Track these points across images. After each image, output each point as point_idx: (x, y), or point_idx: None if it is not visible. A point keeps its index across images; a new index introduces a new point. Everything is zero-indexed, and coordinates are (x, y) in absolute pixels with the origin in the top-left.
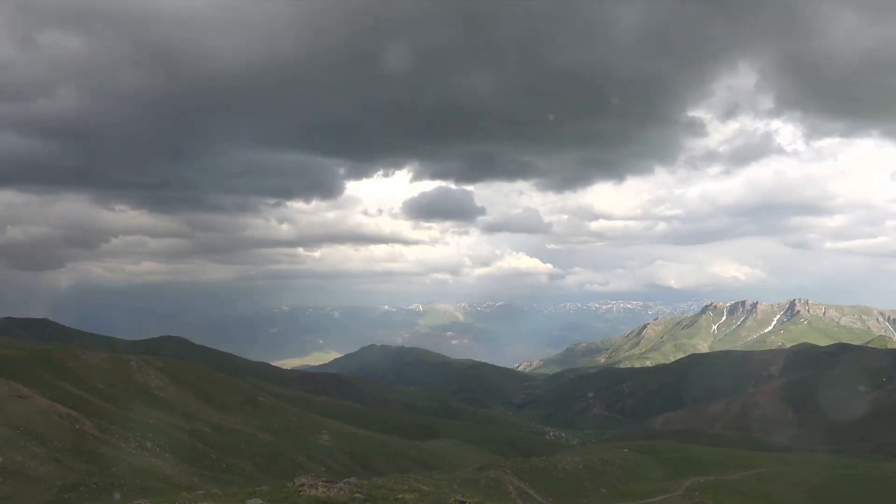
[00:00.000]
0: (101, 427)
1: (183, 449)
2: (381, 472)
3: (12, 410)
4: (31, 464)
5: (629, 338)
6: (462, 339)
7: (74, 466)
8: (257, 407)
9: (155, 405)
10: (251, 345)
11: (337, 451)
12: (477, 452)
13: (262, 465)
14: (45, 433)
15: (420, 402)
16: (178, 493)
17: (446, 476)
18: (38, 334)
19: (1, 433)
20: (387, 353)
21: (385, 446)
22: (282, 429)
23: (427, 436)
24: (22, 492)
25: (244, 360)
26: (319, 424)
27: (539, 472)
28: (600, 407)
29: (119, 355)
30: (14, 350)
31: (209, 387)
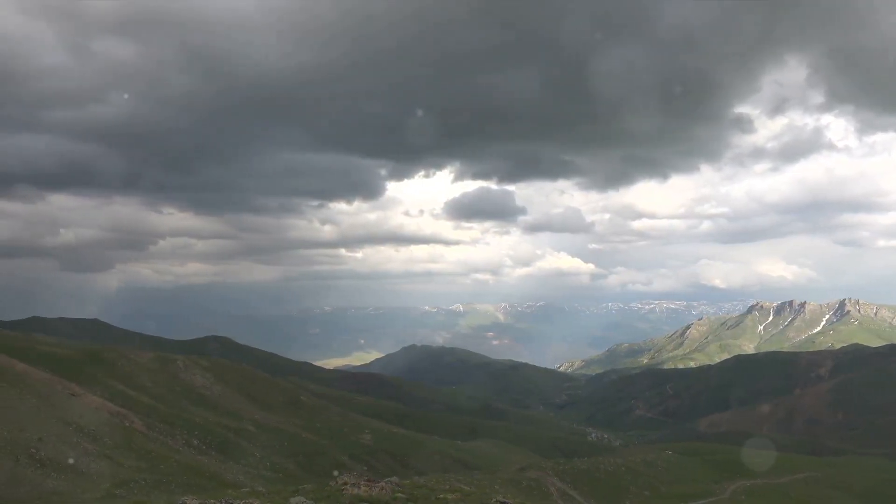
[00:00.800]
0: (150, 425)
1: (228, 447)
2: (423, 472)
3: (66, 408)
4: (83, 460)
5: (672, 338)
6: (503, 339)
7: (124, 463)
8: (300, 406)
9: (201, 404)
10: (294, 345)
11: (378, 450)
12: (518, 453)
13: (305, 464)
14: (97, 430)
15: (461, 402)
16: (224, 491)
17: (487, 476)
18: (89, 334)
19: (55, 430)
20: (427, 354)
21: (426, 446)
22: (324, 428)
23: (468, 436)
24: (75, 487)
25: (287, 360)
26: (361, 424)
27: (581, 473)
28: (643, 408)
29: (166, 355)
30: (67, 349)
31: (253, 386)
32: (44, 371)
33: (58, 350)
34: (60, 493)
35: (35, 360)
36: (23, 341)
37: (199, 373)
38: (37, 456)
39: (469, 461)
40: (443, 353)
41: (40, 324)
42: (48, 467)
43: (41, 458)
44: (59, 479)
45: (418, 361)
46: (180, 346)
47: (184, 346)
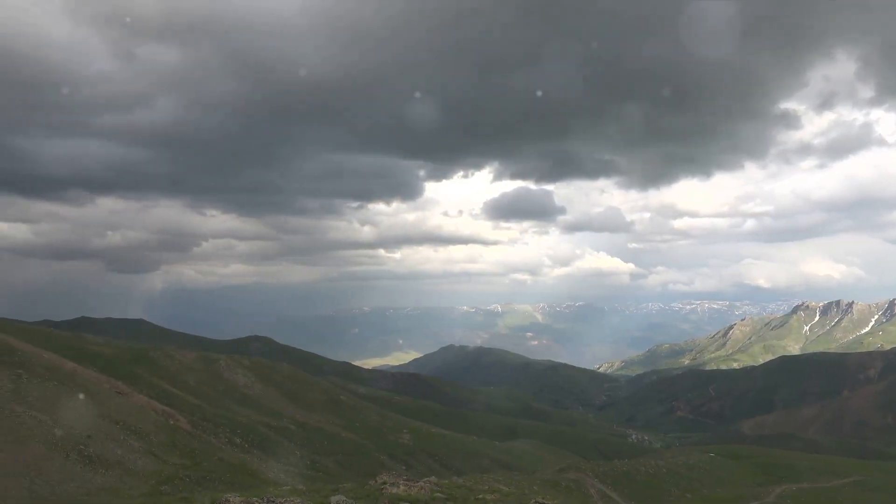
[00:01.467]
0: (194, 423)
1: (269, 445)
2: (461, 472)
3: (113, 406)
4: (130, 457)
5: (715, 339)
6: (541, 339)
7: (169, 460)
8: (340, 406)
9: (243, 403)
10: (333, 345)
11: (417, 450)
12: (557, 454)
13: (345, 463)
14: (143, 428)
15: (499, 402)
16: (265, 489)
17: (526, 477)
18: (135, 334)
19: (103, 427)
20: (466, 354)
21: (465, 446)
22: (363, 427)
23: (507, 436)
24: (122, 483)
25: (327, 360)
26: (400, 424)
27: (621, 475)
28: (685, 409)
29: (209, 355)
30: (114, 349)
31: (294, 385)
32: (92, 370)
33: (105, 349)
34: (109, 490)
35: (84, 359)
36: (72, 341)
37: (241, 372)
38: (86, 453)
39: (508, 462)
40: (481, 353)
41: (88, 324)
42: (97, 464)
43: (90, 455)
44: (107, 475)
45: (456, 362)
46: (223, 346)
47: (226, 346)
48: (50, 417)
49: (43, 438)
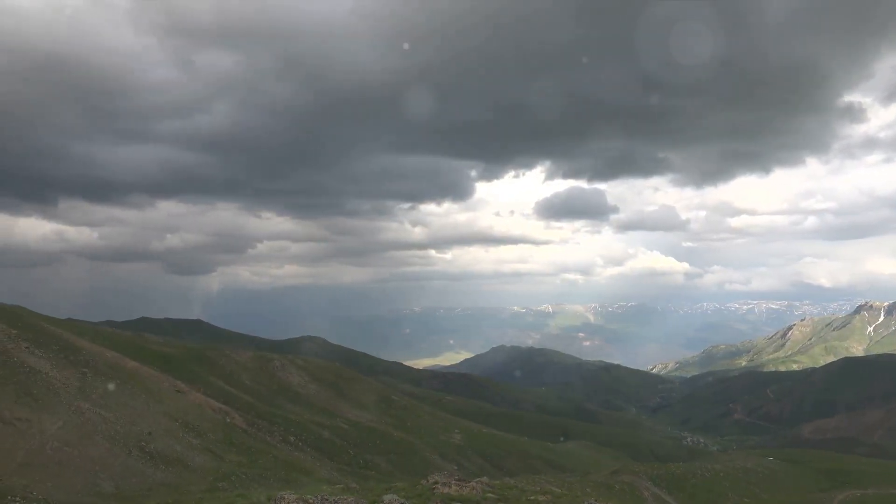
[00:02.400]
0: (249, 421)
1: (323, 444)
2: (513, 473)
3: (172, 404)
4: (188, 454)
5: (773, 339)
6: (593, 339)
7: (226, 457)
8: (391, 405)
9: (296, 401)
10: (385, 345)
11: (469, 450)
12: (610, 456)
13: (397, 462)
14: (200, 426)
15: (551, 403)
16: (319, 487)
17: (579, 479)
18: (193, 334)
19: (163, 424)
20: (517, 354)
21: (516, 447)
22: (415, 427)
23: (558, 437)
24: (181, 479)
25: (378, 360)
26: (451, 423)
27: (676, 478)
28: (742, 412)
29: (264, 354)
30: (172, 348)
31: (346, 385)
32: (152, 368)
33: (164, 349)
34: (169, 485)
35: (144, 358)
36: (133, 340)
37: (294, 371)
38: (147, 449)
39: (560, 463)
40: (532, 353)
41: (148, 324)
42: (157, 460)
43: (151, 451)
44: (167, 471)
45: (507, 362)
46: (277, 346)
47: (280, 346)
48: (113, 414)
49: (107, 435)
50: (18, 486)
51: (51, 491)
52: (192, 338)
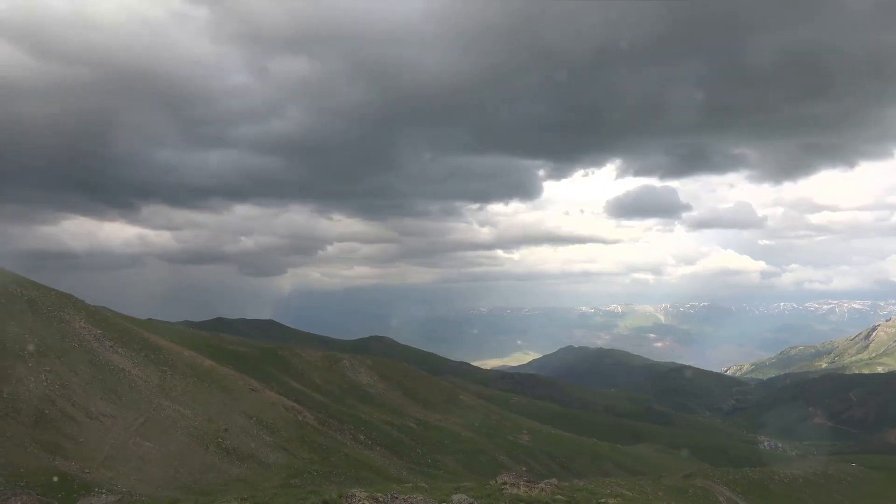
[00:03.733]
0: (320, 419)
1: (392, 442)
2: (582, 475)
3: (247, 402)
4: (262, 450)
5: (855, 341)
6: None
7: (298, 454)
8: (459, 405)
9: (365, 400)
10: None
11: (537, 450)
12: (682, 459)
13: (465, 462)
14: (274, 423)
15: (620, 404)
16: (389, 485)
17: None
18: (266, 334)
19: (238, 422)
20: (585, 355)
21: (585, 448)
22: (483, 427)
23: (628, 439)
24: (256, 475)
25: (445, 360)
26: (519, 424)
27: (753, 483)
28: (822, 416)
29: (334, 354)
30: (247, 348)
31: (414, 384)
32: (228, 367)
33: (239, 348)
34: (244, 481)
35: (220, 357)
36: (210, 340)
37: (364, 371)
38: (223, 445)
39: (630, 466)
40: (601, 354)
41: (224, 324)
42: (233, 456)
43: (227, 447)
44: (242, 467)
45: (576, 363)
46: (346, 346)
47: (349, 346)
48: (191, 411)
49: (186, 431)
50: (104, 479)
51: (134, 484)
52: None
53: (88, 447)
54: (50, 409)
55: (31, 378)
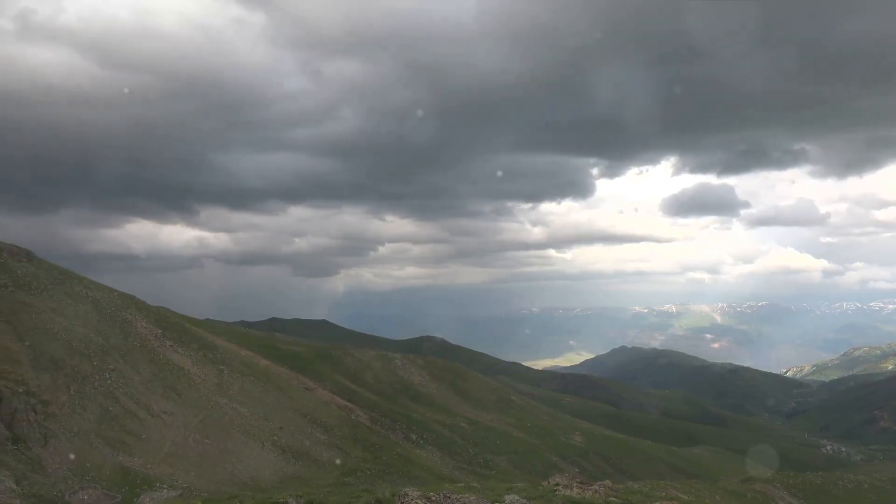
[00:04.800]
0: (373, 418)
1: (444, 442)
2: (636, 477)
3: (301, 400)
4: (317, 448)
5: None
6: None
7: (352, 453)
8: (511, 405)
9: (417, 400)
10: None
11: (590, 452)
12: (740, 463)
13: (517, 462)
14: (327, 422)
15: (676, 406)
16: (441, 484)
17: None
18: (319, 334)
19: (294, 420)
20: (639, 355)
21: (639, 450)
22: (535, 427)
23: (684, 442)
24: (310, 473)
25: (497, 360)
26: (572, 425)
27: (815, 488)
28: (889, 420)
29: (386, 353)
30: (301, 348)
31: (466, 384)
32: (282, 366)
33: (293, 348)
34: (299, 478)
35: (275, 356)
36: (265, 340)
37: (415, 371)
38: (279, 443)
39: (686, 468)
40: (656, 355)
41: (278, 324)
42: (288, 454)
43: (282, 445)
44: (297, 464)
45: (629, 363)
46: (398, 346)
47: (401, 346)
48: (248, 410)
49: (242, 428)
50: (165, 475)
51: (193, 480)
52: (319, 338)
53: (150, 443)
54: (114, 407)
55: (96, 376)
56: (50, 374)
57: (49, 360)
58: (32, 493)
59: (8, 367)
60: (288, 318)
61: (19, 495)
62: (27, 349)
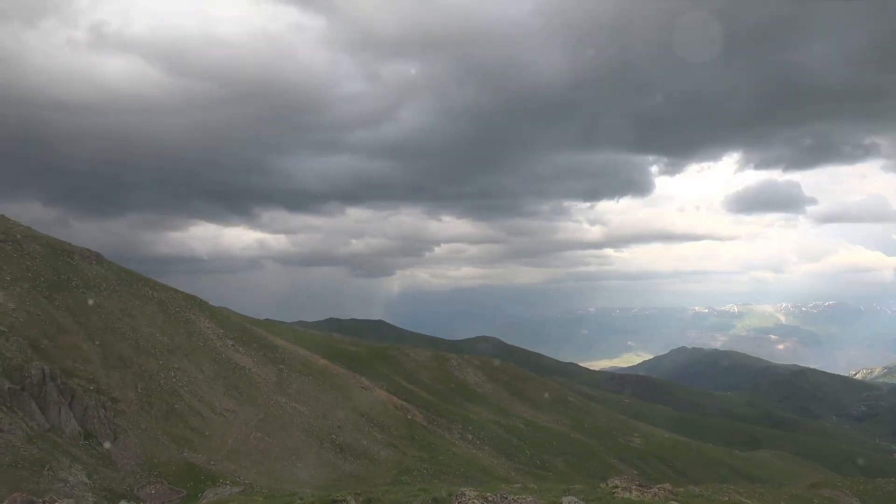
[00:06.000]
0: (429, 418)
1: (500, 443)
2: (697, 480)
3: (358, 399)
4: (374, 447)
5: None
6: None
7: (408, 452)
8: (567, 406)
9: (473, 400)
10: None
11: (649, 454)
12: (807, 467)
13: (574, 464)
14: (384, 421)
15: (738, 408)
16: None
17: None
18: (375, 334)
19: (351, 419)
20: (699, 356)
21: (700, 453)
22: (592, 429)
23: (747, 445)
24: (368, 471)
25: (553, 360)
26: (630, 426)
27: (887, 495)
28: None
29: (441, 353)
30: (357, 347)
31: (521, 385)
32: (340, 366)
33: (350, 347)
34: (357, 477)
35: (333, 355)
36: (322, 339)
37: (471, 371)
38: (337, 441)
39: (750, 472)
40: (717, 355)
41: (335, 324)
42: (346, 452)
43: (340, 443)
44: (355, 463)
45: (690, 364)
46: (453, 346)
47: (456, 346)
48: (307, 408)
49: (301, 427)
50: (228, 471)
51: (255, 477)
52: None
53: (213, 440)
54: (179, 404)
55: (161, 374)
56: (119, 373)
57: (118, 358)
58: (103, 486)
59: (80, 366)
60: (345, 318)
61: (91, 489)
62: (97, 348)
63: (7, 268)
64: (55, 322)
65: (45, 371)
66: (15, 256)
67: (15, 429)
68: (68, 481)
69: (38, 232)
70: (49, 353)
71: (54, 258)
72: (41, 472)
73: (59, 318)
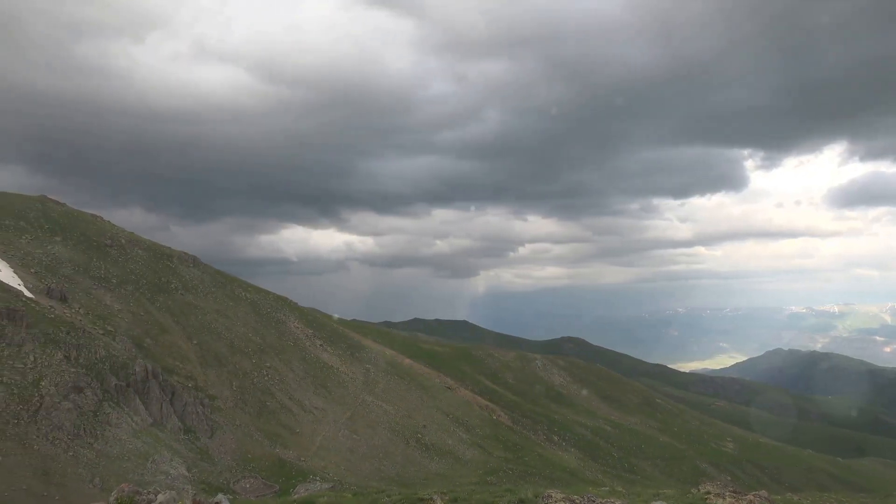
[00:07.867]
0: (514, 419)
1: (586, 444)
2: (796, 488)
3: (443, 399)
4: (459, 447)
5: None
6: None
7: (493, 453)
8: (655, 408)
9: (558, 401)
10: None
11: (742, 459)
12: None
13: (663, 468)
14: (469, 421)
15: (840, 413)
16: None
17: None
18: (460, 334)
19: (436, 419)
20: (797, 358)
21: (798, 459)
22: (682, 432)
23: (850, 452)
24: (453, 471)
25: (640, 362)
26: (722, 430)
27: None
28: None
29: (526, 354)
30: (442, 347)
31: (608, 386)
32: (425, 366)
33: (435, 347)
34: (442, 476)
35: (418, 355)
36: (408, 339)
37: (556, 372)
38: (423, 440)
39: (853, 481)
40: (817, 357)
41: (420, 324)
42: (432, 451)
43: (426, 442)
44: (441, 462)
45: (786, 367)
46: (538, 346)
47: (541, 346)
48: (393, 407)
49: (388, 425)
50: (318, 467)
51: (343, 473)
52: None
53: (303, 437)
54: (271, 402)
55: (254, 373)
56: (215, 371)
57: (214, 357)
58: (202, 479)
59: (179, 364)
60: (430, 319)
61: (190, 481)
62: (195, 347)
63: (113, 271)
64: (157, 322)
65: (148, 369)
66: (120, 260)
67: (122, 423)
68: (170, 474)
69: (140, 237)
70: (151, 351)
71: (155, 261)
72: (145, 465)
73: (161, 319)
